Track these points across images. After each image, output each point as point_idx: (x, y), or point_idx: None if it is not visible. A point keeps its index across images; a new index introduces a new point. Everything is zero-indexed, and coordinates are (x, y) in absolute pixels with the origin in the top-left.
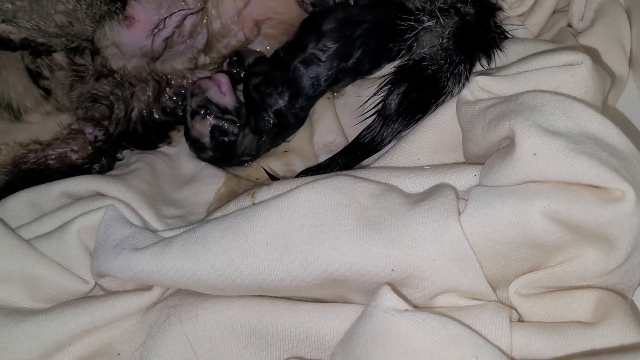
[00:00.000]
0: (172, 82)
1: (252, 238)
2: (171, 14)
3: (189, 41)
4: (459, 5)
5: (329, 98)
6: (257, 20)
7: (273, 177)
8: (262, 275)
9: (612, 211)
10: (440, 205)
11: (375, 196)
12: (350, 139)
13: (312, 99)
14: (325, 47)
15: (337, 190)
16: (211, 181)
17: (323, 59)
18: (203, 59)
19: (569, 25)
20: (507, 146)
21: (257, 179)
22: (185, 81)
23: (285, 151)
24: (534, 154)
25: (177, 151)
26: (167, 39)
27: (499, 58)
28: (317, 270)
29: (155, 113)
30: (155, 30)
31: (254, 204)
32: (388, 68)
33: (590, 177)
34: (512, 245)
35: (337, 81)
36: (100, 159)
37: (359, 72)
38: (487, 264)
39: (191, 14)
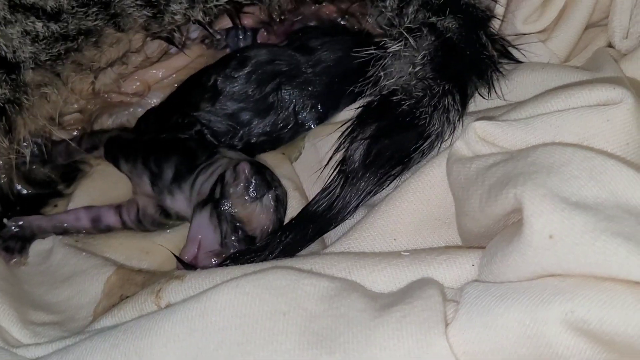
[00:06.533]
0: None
1: None
2: None
3: None
4: (434, 20)
5: (283, 153)
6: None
7: (187, 266)
8: None
9: None
10: (419, 311)
11: (327, 299)
12: None
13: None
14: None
15: (272, 290)
16: (98, 271)
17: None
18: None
19: (609, 45)
20: (515, 224)
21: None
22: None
23: None
24: (550, 237)
25: (50, 241)
26: None
27: (507, 87)
28: None
29: (18, 184)
30: None
31: (159, 308)
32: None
33: (630, 269)
34: None
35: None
36: None
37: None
38: None
39: None
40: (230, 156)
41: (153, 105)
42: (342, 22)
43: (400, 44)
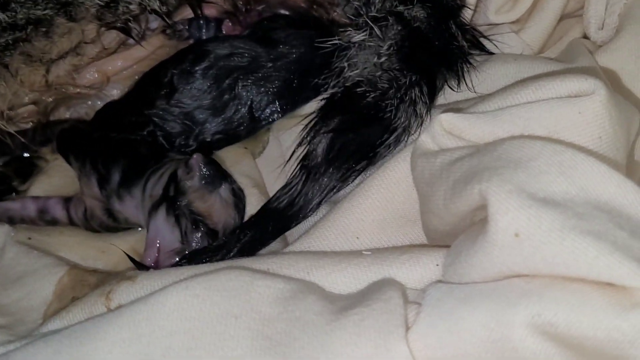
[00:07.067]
0: None
1: None
2: None
3: None
4: (401, 9)
5: (245, 148)
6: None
7: (140, 266)
8: None
9: (633, 323)
10: (378, 315)
11: (282, 301)
12: None
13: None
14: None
15: (224, 292)
16: (49, 271)
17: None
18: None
19: (585, 36)
20: (481, 222)
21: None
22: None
23: None
24: (516, 235)
25: (2, 239)
26: None
27: (477, 79)
28: None
29: None
30: None
31: (109, 310)
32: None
33: (600, 270)
34: None
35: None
36: None
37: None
38: None
39: None
40: (179, 158)
41: (112, 98)
42: (310, 12)
43: (364, 33)
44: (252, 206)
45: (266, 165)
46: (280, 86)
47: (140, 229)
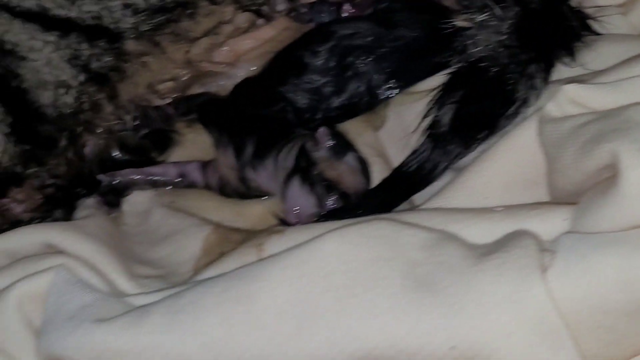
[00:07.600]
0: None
1: (260, 305)
2: None
3: None
4: None
5: (366, 121)
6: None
7: (285, 222)
8: (273, 356)
9: None
10: (517, 259)
11: (427, 248)
12: None
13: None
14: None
15: (375, 239)
16: (196, 230)
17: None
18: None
19: None
20: (609, 178)
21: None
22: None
23: None
24: None
25: (148, 202)
26: None
27: (588, 57)
28: (349, 349)
29: (115, 151)
30: None
31: (261, 259)
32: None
33: None
34: (620, 314)
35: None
36: (52, 212)
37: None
38: (585, 340)
39: None
40: (306, 132)
41: (241, 77)
42: None
43: (486, 14)
44: (376, 174)
45: (388, 138)
46: (398, 65)
47: (270, 197)
